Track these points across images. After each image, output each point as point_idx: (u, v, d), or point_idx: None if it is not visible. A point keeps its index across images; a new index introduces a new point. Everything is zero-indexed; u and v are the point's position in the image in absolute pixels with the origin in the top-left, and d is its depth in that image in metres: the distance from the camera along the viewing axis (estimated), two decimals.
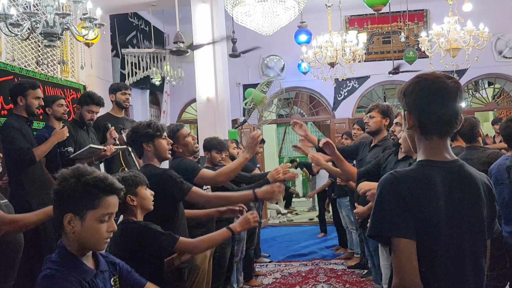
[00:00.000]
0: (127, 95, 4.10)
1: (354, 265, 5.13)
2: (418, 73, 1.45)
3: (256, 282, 4.77)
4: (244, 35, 6.81)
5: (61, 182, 1.41)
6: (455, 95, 1.36)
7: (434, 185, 1.32)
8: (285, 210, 9.67)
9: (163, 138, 2.51)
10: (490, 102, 8.48)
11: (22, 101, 3.31)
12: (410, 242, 1.26)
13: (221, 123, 5.66)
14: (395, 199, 1.29)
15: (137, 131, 2.49)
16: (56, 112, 3.71)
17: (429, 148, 1.39)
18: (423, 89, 1.37)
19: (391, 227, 1.28)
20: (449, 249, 1.31)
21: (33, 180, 3.28)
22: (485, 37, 4.83)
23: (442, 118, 1.36)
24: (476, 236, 1.36)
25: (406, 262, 1.26)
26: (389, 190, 1.31)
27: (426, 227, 1.29)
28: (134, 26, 7.20)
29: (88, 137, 3.63)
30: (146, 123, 2.51)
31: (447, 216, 1.31)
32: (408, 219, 1.27)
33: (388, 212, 1.29)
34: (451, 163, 1.38)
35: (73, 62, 5.16)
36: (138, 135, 2.49)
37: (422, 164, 1.37)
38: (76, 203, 1.39)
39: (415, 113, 1.38)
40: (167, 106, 7.91)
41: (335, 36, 5.49)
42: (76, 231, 1.40)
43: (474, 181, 1.38)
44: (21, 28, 2.98)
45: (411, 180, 1.32)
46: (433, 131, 1.38)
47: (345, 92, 8.29)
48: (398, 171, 1.36)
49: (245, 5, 3.96)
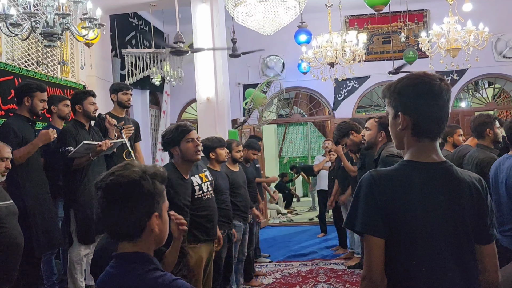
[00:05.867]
0: (128, 95, 4.11)
1: (354, 265, 5.13)
2: (410, 73, 1.45)
3: (256, 282, 4.77)
4: (244, 35, 6.80)
5: (138, 181, 1.27)
6: (448, 98, 1.39)
7: (411, 185, 1.35)
8: (285, 210, 9.67)
9: (188, 141, 2.54)
10: (490, 102, 8.48)
11: (28, 102, 3.35)
12: (379, 240, 1.34)
13: (221, 123, 5.66)
14: (368, 199, 1.36)
15: (163, 137, 2.57)
16: (61, 112, 3.80)
17: (417, 149, 1.41)
18: (423, 91, 1.37)
19: (362, 223, 1.36)
20: (428, 249, 1.34)
21: (29, 180, 3.28)
22: (485, 37, 4.83)
23: (437, 121, 1.39)
24: (460, 238, 1.37)
25: (373, 257, 1.34)
26: (365, 189, 1.38)
27: (401, 226, 1.33)
28: (134, 26, 7.20)
29: (89, 136, 3.63)
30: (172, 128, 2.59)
31: (424, 216, 1.34)
32: (378, 218, 1.34)
33: (361, 210, 1.37)
34: (437, 164, 1.40)
35: (73, 62, 5.16)
36: (164, 142, 2.55)
37: (404, 164, 1.41)
38: (160, 200, 1.32)
39: (412, 114, 1.39)
40: (167, 106, 7.91)
41: (335, 36, 5.48)
42: (160, 229, 1.31)
43: (460, 182, 1.39)
44: (21, 28, 2.98)
45: (388, 180, 1.37)
46: (426, 134, 1.39)
47: (345, 92, 8.30)
48: (377, 171, 1.41)
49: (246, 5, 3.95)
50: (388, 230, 1.33)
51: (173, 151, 2.55)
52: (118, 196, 1.26)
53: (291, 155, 12.25)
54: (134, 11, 6.83)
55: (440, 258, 1.34)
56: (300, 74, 7.75)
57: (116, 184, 1.26)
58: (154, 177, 1.30)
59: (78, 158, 3.41)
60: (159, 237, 1.33)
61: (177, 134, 2.58)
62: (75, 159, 3.41)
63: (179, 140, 2.55)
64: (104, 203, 1.27)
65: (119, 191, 1.26)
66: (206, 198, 3.08)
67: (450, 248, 1.35)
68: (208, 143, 3.59)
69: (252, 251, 4.80)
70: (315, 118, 9.11)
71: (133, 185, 1.26)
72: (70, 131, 3.49)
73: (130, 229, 1.28)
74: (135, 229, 1.28)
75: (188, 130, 2.60)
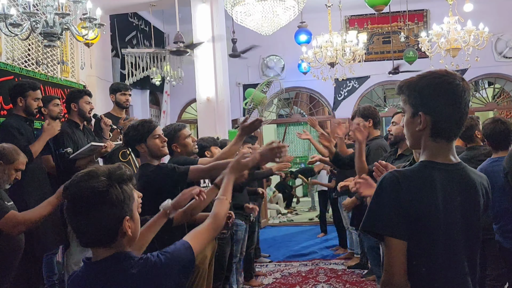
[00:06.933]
0: (127, 96, 4.10)
1: (354, 265, 5.13)
2: (430, 70, 1.40)
3: (256, 282, 4.77)
4: (244, 35, 6.80)
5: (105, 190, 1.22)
6: (469, 99, 1.35)
7: (434, 187, 1.31)
8: (285, 210, 9.67)
9: (155, 137, 2.52)
10: (490, 102, 8.48)
11: (21, 102, 3.33)
12: (401, 242, 1.28)
13: (221, 123, 5.66)
14: (392, 199, 1.29)
15: (127, 134, 2.53)
16: (52, 112, 3.72)
17: (435, 150, 1.36)
18: (446, 91, 1.33)
19: (384, 225, 1.30)
20: (446, 251, 1.31)
21: (32, 179, 3.28)
22: (485, 37, 4.83)
23: (456, 122, 1.35)
24: (471, 240, 1.36)
25: (395, 261, 1.28)
26: (389, 189, 1.31)
27: (423, 228, 1.29)
28: (134, 26, 7.20)
29: (84, 136, 3.63)
30: (135, 124, 2.53)
31: (445, 218, 1.30)
32: (401, 220, 1.28)
33: (383, 210, 1.30)
34: (454, 165, 1.37)
35: (73, 62, 5.15)
36: (128, 138, 2.51)
37: (425, 165, 1.36)
38: (129, 203, 1.27)
39: (433, 114, 1.33)
40: (167, 106, 7.91)
41: (335, 36, 5.48)
42: (132, 230, 1.28)
43: (474, 185, 1.37)
44: (21, 28, 2.98)
45: (411, 181, 1.31)
46: (444, 134, 1.35)
47: (345, 92, 8.29)
48: (400, 171, 1.35)
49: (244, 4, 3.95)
50: (409, 233, 1.29)
51: (139, 148, 2.51)
52: (85, 208, 1.20)
53: (291, 155, 12.23)
54: (134, 11, 6.83)
55: (458, 261, 1.33)
56: (300, 74, 7.74)
57: (82, 196, 1.20)
58: (121, 181, 1.25)
59: (80, 159, 3.41)
60: (132, 237, 1.29)
61: (144, 130, 2.55)
62: (76, 161, 3.41)
63: (146, 137, 2.52)
64: (71, 214, 1.22)
65: (85, 202, 1.20)
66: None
67: (465, 251, 1.34)
68: (203, 143, 3.62)
69: (252, 251, 4.80)
70: (315, 118, 9.10)
71: (100, 195, 1.19)
72: (67, 132, 3.48)
73: (102, 237, 1.23)
74: (107, 237, 1.23)
75: (154, 126, 2.58)
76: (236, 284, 4.29)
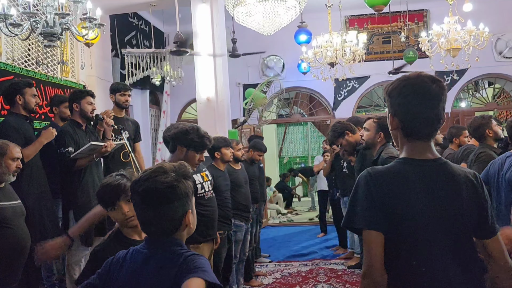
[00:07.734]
0: (126, 96, 4.10)
1: (354, 265, 5.13)
2: (404, 75, 1.47)
3: (256, 282, 4.77)
4: (244, 35, 6.81)
5: (174, 185, 1.33)
6: (439, 100, 1.39)
7: (409, 181, 1.36)
8: (285, 210, 9.67)
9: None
10: (490, 102, 8.48)
11: (20, 100, 3.35)
12: (377, 234, 1.34)
13: (221, 123, 5.65)
14: (365, 194, 1.37)
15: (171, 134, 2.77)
16: (62, 113, 3.81)
17: (410, 148, 1.43)
18: (408, 92, 1.39)
19: (361, 220, 1.36)
20: (428, 245, 1.34)
21: (31, 179, 3.28)
22: (485, 37, 4.82)
23: (425, 122, 1.40)
24: (459, 234, 1.38)
25: (373, 252, 1.33)
26: (363, 186, 1.38)
27: (402, 222, 1.34)
28: (134, 26, 7.20)
29: (86, 136, 3.63)
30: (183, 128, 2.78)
31: (424, 212, 1.34)
32: (376, 213, 1.35)
33: (359, 207, 1.37)
34: (432, 161, 1.41)
35: (73, 62, 5.15)
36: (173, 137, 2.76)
37: (400, 162, 1.43)
38: (191, 197, 1.38)
39: (399, 115, 1.42)
40: (167, 106, 7.90)
41: (335, 36, 5.48)
42: (192, 222, 1.39)
43: (455, 178, 1.40)
44: (21, 28, 2.98)
45: (383, 175, 1.38)
46: (415, 134, 1.41)
47: (345, 92, 8.29)
48: (374, 168, 1.42)
49: (246, 5, 3.94)
50: (387, 225, 1.34)
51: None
52: (156, 201, 1.30)
53: (291, 155, 12.25)
54: (134, 11, 6.82)
55: (440, 254, 1.35)
56: (300, 74, 7.74)
57: (153, 189, 1.30)
58: (186, 177, 1.36)
59: (81, 159, 3.41)
60: (191, 229, 1.39)
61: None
62: (77, 160, 3.41)
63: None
64: (143, 207, 1.32)
65: (156, 195, 1.30)
66: (208, 198, 3.10)
67: (449, 245, 1.36)
68: (213, 143, 3.61)
69: (252, 251, 4.80)
70: (315, 118, 9.11)
71: (170, 189, 1.30)
72: (69, 132, 3.48)
73: (167, 228, 1.33)
74: (171, 228, 1.33)
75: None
76: (237, 284, 4.29)
